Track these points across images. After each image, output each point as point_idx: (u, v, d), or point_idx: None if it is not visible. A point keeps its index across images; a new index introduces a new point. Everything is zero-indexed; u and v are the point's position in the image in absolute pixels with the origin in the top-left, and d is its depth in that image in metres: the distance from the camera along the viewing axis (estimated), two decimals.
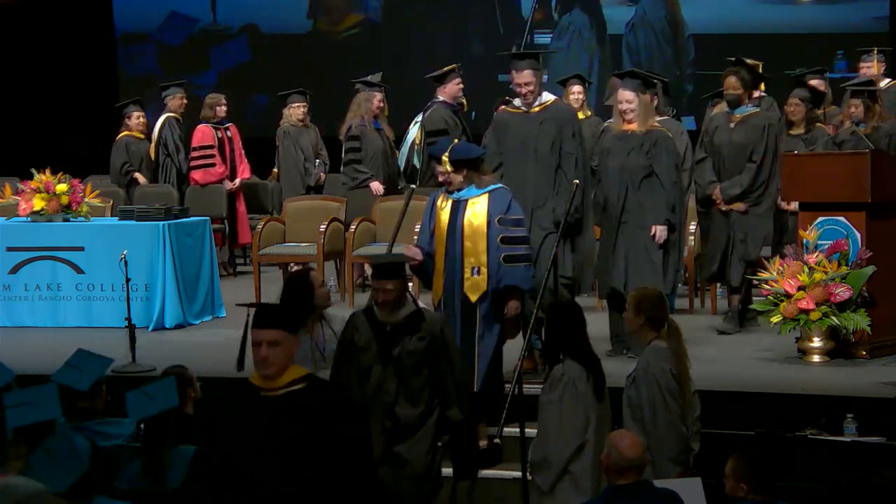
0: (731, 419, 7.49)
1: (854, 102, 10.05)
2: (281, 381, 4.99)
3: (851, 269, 8.56)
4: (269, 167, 13.72)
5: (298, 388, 4.99)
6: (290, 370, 5.03)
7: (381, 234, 11.22)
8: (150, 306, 10.25)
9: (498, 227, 7.56)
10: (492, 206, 7.57)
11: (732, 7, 15.79)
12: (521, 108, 8.58)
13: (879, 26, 15.30)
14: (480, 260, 7.55)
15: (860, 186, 8.65)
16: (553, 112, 8.49)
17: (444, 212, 7.64)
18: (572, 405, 6.61)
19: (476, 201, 7.59)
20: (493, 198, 7.59)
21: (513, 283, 7.55)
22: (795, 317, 8.49)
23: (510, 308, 7.59)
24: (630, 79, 8.94)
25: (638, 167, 8.69)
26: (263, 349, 4.99)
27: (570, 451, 6.60)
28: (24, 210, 10.69)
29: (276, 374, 4.99)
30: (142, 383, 6.26)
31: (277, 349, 4.98)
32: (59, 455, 5.08)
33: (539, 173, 8.40)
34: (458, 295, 7.57)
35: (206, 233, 10.82)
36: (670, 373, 6.64)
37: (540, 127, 8.43)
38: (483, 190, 7.61)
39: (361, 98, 11.94)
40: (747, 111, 9.62)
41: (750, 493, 5.61)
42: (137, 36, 17.59)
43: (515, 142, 8.48)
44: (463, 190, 7.61)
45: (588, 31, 16.29)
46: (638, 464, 5.58)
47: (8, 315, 10.52)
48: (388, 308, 6.80)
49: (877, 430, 7.33)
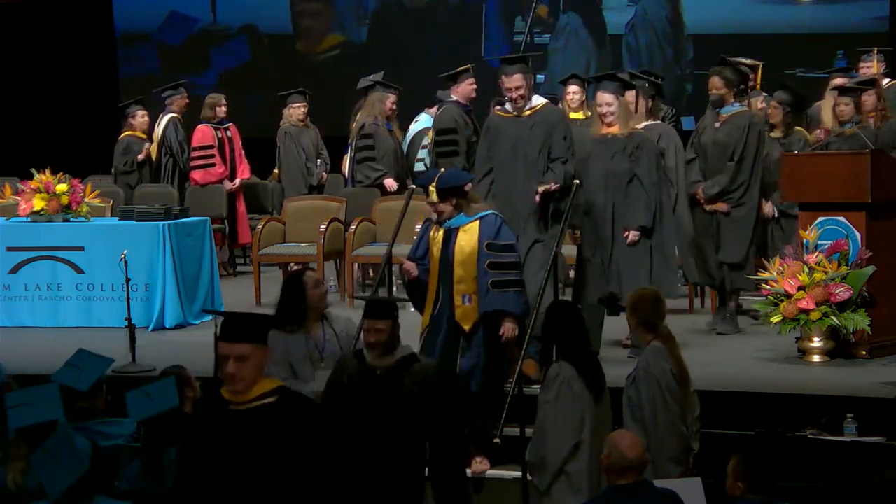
0: (731, 419, 7.49)
1: (843, 101, 10.00)
2: (250, 394, 4.80)
3: (851, 269, 8.56)
4: (269, 167, 13.72)
5: (268, 403, 4.79)
6: (261, 383, 4.82)
7: (381, 234, 11.22)
8: (150, 306, 10.25)
9: (486, 252, 7.40)
10: (482, 232, 7.41)
11: (732, 7, 15.78)
12: (512, 113, 8.51)
13: (879, 26, 15.29)
14: (471, 288, 7.41)
15: (860, 186, 8.64)
16: (543, 116, 8.43)
17: (437, 242, 7.48)
18: (568, 405, 6.62)
19: (467, 229, 7.44)
20: (483, 224, 7.43)
21: (501, 307, 7.37)
22: (795, 317, 8.48)
23: (506, 330, 7.40)
24: (608, 81, 8.79)
25: (622, 171, 8.51)
26: (231, 365, 4.76)
27: (566, 450, 6.61)
28: (24, 210, 10.69)
29: (245, 388, 4.79)
30: (142, 383, 6.27)
31: (246, 364, 4.76)
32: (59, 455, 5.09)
33: (528, 178, 8.32)
34: (447, 322, 7.42)
35: (206, 233, 10.82)
36: (670, 373, 6.65)
37: (530, 131, 8.37)
38: (473, 217, 7.45)
39: (375, 98, 11.92)
40: (732, 110, 9.60)
41: (747, 493, 5.61)
42: (137, 36, 17.59)
43: (506, 146, 8.41)
44: (454, 218, 7.45)
45: (584, 32, 16.28)
46: (638, 464, 5.58)
47: (8, 315, 10.52)
48: (378, 350, 6.46)
49: (877, 430, 7.33)
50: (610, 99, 8.62)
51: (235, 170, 13.16)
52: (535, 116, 8.42)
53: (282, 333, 6.88)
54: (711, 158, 9.56)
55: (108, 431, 6.02)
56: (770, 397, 7.80)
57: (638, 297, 6.92)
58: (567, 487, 6.60)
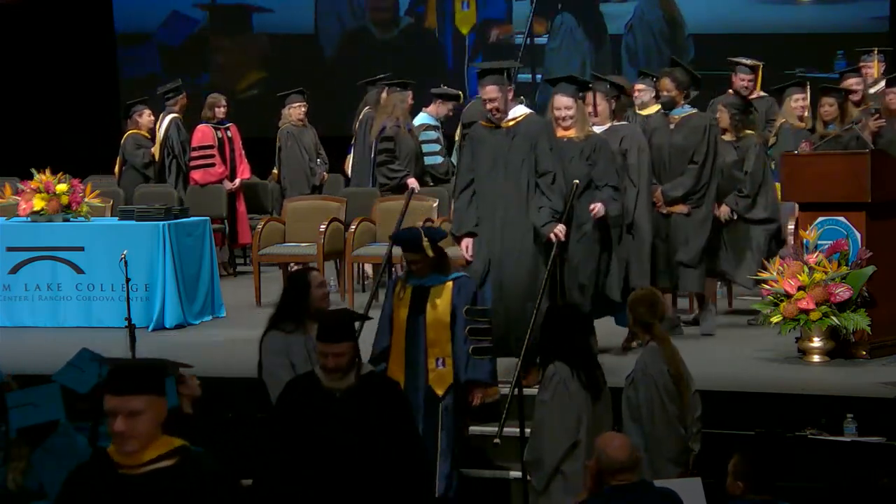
0: (731, 419, 7.49)
1: (828, 101, 9.96)
2: (144, 456, 4.02)
3: (851, 269, 8.55)
4: (269, 167, 13.71)
5: (165, 467, 4.03)
6: (158, 443, 4.05)
7: (380, 233, 11.22)
8: (150, 306, 10.25)
9: (465, 318, 7.14)
10: (457, 296, 7.14)
11: (732, 7, 15.79)
12: (493, 124, 8.21)
13: (879, 26, 15.30)
14: (445, 351, 7.14)
15: (860, 186, 8.64)
16: (525, 126, 8.12)
17: (404, 301, 7.16)
18: (563, 405, 6.62)
19: (440, 289, 7.16)
20: (458, 287, 7.17)
21: (477, 377, 7.17)
22: (795, 317, 8.48)
23: (476, 398, 7.25)
24: (566, 84, 8.53)
25: (581, 176, 8.29)
26: (120, 422, 3.97)
27: (562, 450, 6.61)
28: (24, 210, 10.69)
29: (138, 448, 4.02)
30: None
31: (139, 419, 3.98)
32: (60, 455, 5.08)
33: (509, 189, 8.05)
34: (422, 388, 7.15)
35: (206, 233, 10.82)
36: (668, 373, 6.66)
37: (511, 142, 8.09)
38: (447, 278, 7.18)
39: (397, 98, 11.88)
40: (685, 112, 9.51)
41: (747, 492, 5.61)
42: (137, 36, 17.60)
43: (487, 157, 8.13)
44: (426, 277, 7.18)
45: (580, 32, 16.28)
46: (631, 464, 5.54)
47: (8, 315, 10.52)
48: (338, 375, 5.73)
49: (877, 430, 7.32)
50: (568, 102, 8.40)
51: (235, 170, 13.16)
52: (517, 128, 8.11)
53: (281, 333, 6.89)
54: (670, 161, 9.42)
55: None
56: (770, 397, 7.79)
57: (636, 296, 6.95)
58: (564, 487, 6.61)
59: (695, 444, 6.75)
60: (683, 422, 6.70)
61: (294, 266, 11.36)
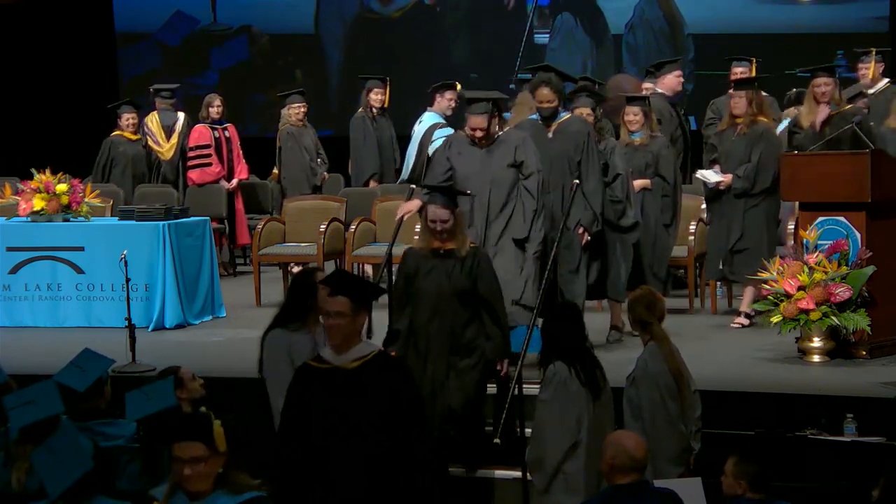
0: (731, 419, 7.49)
1: (738, 94, 9.83)
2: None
3: (851, 269, 8.56)
4: (269, 167, 13.72)
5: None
6: None
7: (381, 233, 11.23)
8: (150, 306, 10.25)
9: None
10: None
11: (732, 7, 15.79)
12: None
13: (879, 26, 15.30)
14: None
15: (860, 186, 8.64)
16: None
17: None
18: (564, 405, 6.63)
19: None
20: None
21: None
22: (795, 317, 8.49)
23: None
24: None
25: None
26: None
27: (562, 450, 6.62)
28: (24, 210, 10.69)
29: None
30: (142, 383, 6.28)
31: None
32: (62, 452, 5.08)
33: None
34: None
35: (206, 233, 10.82)
36: (669, 373, 6.66)
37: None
38: None
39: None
40: (561, 118, 8.85)
41: (748, 492, 5.61)
42: (137, 36, 17.60)
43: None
44: None
45: (580, 32, 16.27)
46: (643, 464, 5.58)
47: (8, 315, 10.52)
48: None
49: (877, 430, 7.33)
50: None
51: (233, 170, 13.16)
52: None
53: (286, 332, 6.88)
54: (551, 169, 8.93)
55: (109, 432, 6.02)
56: (770, 397, 7.80)
57: (634, 296, 6.97)
58: (565, 487, 6.62)
59: (695, 443, 6.76)
60: (684, 421, 6.71)
61: (294, 266, 11.37)
